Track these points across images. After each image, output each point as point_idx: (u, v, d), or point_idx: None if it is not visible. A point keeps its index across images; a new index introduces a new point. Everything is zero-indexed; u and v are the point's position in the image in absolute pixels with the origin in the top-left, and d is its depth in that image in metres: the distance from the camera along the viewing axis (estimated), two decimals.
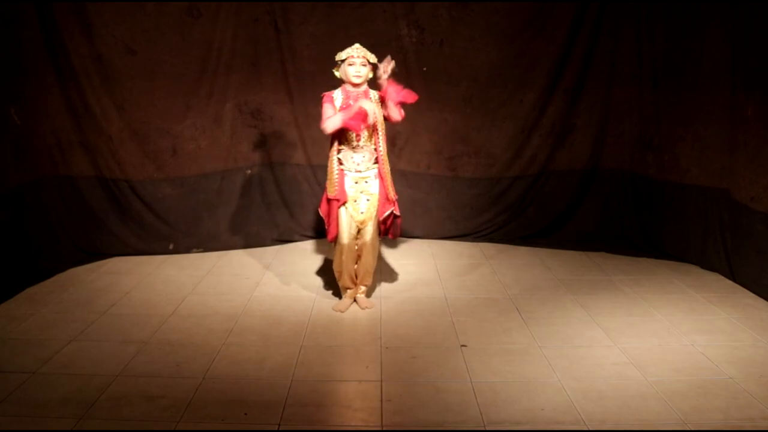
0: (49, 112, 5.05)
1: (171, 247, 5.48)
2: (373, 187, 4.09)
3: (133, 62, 5.19)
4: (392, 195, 4.11)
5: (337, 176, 4.06)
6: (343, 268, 4.19)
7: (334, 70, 4.09)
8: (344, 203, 4.06)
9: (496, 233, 5.89)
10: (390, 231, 4.23)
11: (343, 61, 4.01)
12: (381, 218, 4.12)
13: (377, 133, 4.05)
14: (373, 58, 4.01)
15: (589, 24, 5.53)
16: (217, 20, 5.31)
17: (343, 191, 4.06)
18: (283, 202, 5.81)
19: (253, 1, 5.39)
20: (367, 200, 4.08)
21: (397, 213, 4.18)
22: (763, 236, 4.39)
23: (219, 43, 5.35)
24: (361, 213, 4.09)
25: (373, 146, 4.06)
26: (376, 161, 4.09)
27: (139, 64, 5.21)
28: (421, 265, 5.21)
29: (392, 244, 5.73)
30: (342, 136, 4.04)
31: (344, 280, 4.25)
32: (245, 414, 2.98)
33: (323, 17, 5.50)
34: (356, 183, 4.07)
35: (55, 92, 5.06)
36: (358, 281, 4.30)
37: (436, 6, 5.54)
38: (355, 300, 4.33)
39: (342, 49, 4.08)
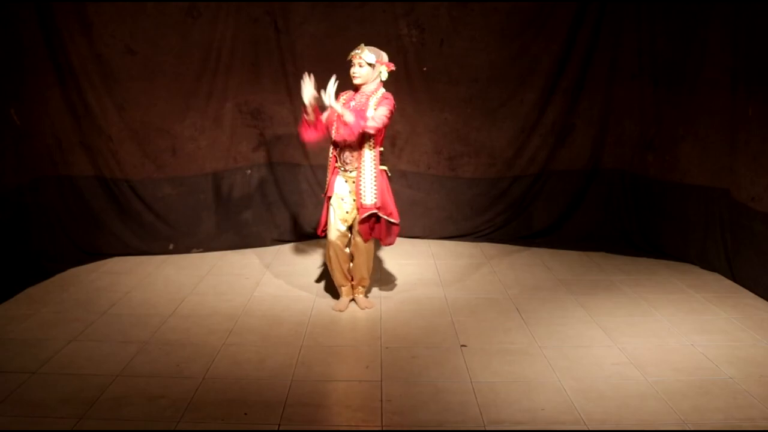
0: (49, 112, 5.05)
1: (171, 247, 5.48)
2: (361, 187, 4.02)
3: (133, 62, 5.19)
4: (365, 201, 3.97)
5: (329, 172, 4.12)
6: (333, 265, 4.19)
7: None
8: (330, 197, 4.08)
9: (496, 233, 5.89)
10: (377, 234, 4.09)
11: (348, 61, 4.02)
12: (359, 219, 4.03)
13: (363, 136, 3.96)
14: (371, 59, 3.96)
15: (589, 24, 5.53)
16: (217, 20, 5.31)
17: (330, 186, 4.08)
18: (283, 202, 5.81)
19: (253, 1, 5.40)
20: (354, 200, 4.06)
21: (393, 220, 4.07)
22: (763, 236, 4.39)
23: (219, 44, 5.35)
24: (347, 212, 4.08)
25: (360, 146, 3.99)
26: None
27: (139, 64, 5.21)
28: (421, 265, 5.21)
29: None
30: (336, 131, 4.04)
31: (337, 278, 4.25)
32: (245, 414, 2.98)
33: (323, 17, 5.50)
34: (346, 182, 4.07)
35: (55, 92, 5.06)
36: (354, 283, 4.29)
37: (436, 6, 5.55)
38: (354, 301, 4.33)
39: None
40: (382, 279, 4.85)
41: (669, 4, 5.22)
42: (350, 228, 4.14)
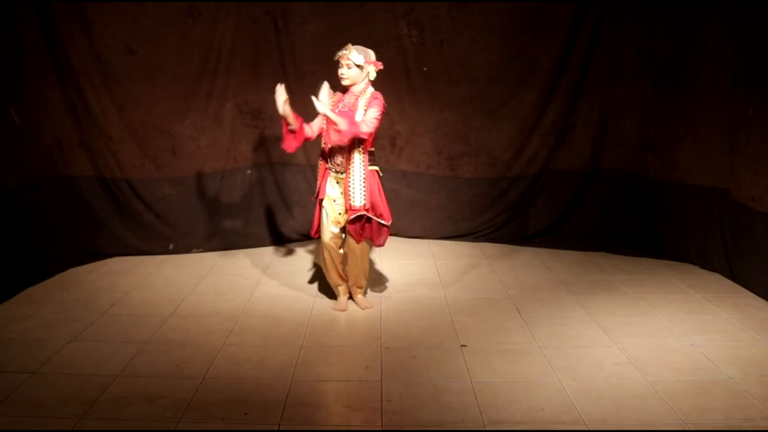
0: (49, 112, 5.05)
1: (171, 247, 5.48)
2: (350, 187, 3.99)
3: (133, 62, 5.19)
4: (354, 202, 3.94)
5: (320, 175, 4.10)
6: (328, 266, 4.18)
7: None
8: (321, 200, 4.07)
9: (496, 233, 5.89)
10: (368, 235, 4.06)
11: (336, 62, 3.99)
12: (348, 220, 4.00)
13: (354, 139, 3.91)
14: (360, 60, 3.92)
15: (589, 24, 5.53)
16: (217, 20, 5.31)
17: (322, 189, 4.07)
18: (283, 202, 5.81)
19: (253, 1, 5.40)
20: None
21: (383, 221, 4.03)
22: (764, 236, 4.39)
23: (219, 44, 5.35)
24: (339, 214, 4.07)
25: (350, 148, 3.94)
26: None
27: (139, 64, 5.21)
28: (421, 265, 5.21)
29: (392, 244, 5.73)
30: (326, 134, 4.03)
31: (333, 279, 4.25)
32: (245, 414, 2.98)
33: (323, 17, 5.50)
34: (338, 183, 4.06)
35: (55, 92, 5.06)
36: (350, 284, 4.29)
37: (436, 6, 5.55)
38: (354, 301, 4.33)
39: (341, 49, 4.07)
40: (382, 279, 4.85)
41: (669, 4, 5.22)
42: (344, 229, 4.13)
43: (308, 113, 5.60)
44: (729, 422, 2.91)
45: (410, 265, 5.20)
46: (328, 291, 4.54)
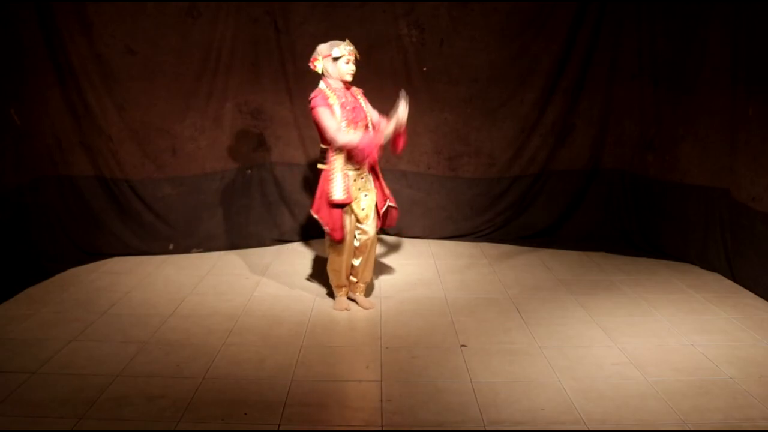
0: (49, 112, 5.05)
1: (171, 247, 5.48)
2: (370, 183, 4.12)
3: (133, 62, 5.19)
4: (386, 191, 4.20)
5: (342, 178, 3.96)
6: (343, 268, 4.19)
7: (314, 63, 4.01)
8: (350, 203, 4.02)
9: (496, 233, 5.89)
10: (387, 222, 4.25)
11: (336, 58, 3.96)
12: (381, 211, 4.16)
13: (368, 131, 4.04)
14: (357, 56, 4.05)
15: (589, 24, 5.53)
16: (217, 20, 5.31)
17: (349, 192, 4.00)
18: (283, 202, 5.81)
19: (253, 1, 5.40)
20: (366, 196, 4.09)
21: (393, 204, 4.21)
22: (764, 236, 4.39)
23: (219, 44, 5.35)
24: (363, 209, 4.09)
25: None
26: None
27: (139, 64, 5.21)
28: (421, 265, 5.21)
29: (392, 244, 5.74)
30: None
31: (341, 279, 4.26)
32: (245, 414, 2.98)
33: (323, 17, 5.50)
34: (355, 181, 4.06)
35: (55, 92, 5.06)
36: (359, 278, 4.31)
37: (436, 6, 5.55)
38: (355, 300, 4.33)
39: None
40: (382, 279, 4.85)
41: (669, 4, 5.22)
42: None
43: (308, 112, 5.61)
44: (729, 422, 2.91)
45: (410, 265, 5.20)
46: (328, 291, 4.54)
